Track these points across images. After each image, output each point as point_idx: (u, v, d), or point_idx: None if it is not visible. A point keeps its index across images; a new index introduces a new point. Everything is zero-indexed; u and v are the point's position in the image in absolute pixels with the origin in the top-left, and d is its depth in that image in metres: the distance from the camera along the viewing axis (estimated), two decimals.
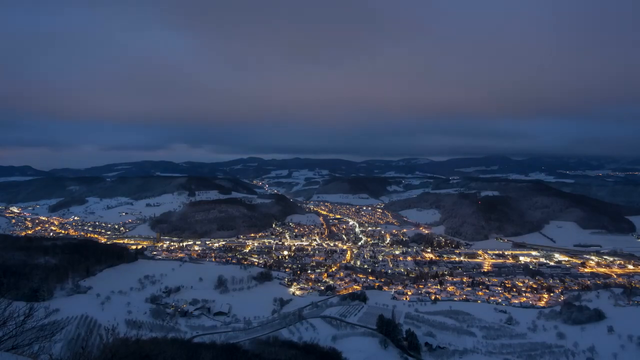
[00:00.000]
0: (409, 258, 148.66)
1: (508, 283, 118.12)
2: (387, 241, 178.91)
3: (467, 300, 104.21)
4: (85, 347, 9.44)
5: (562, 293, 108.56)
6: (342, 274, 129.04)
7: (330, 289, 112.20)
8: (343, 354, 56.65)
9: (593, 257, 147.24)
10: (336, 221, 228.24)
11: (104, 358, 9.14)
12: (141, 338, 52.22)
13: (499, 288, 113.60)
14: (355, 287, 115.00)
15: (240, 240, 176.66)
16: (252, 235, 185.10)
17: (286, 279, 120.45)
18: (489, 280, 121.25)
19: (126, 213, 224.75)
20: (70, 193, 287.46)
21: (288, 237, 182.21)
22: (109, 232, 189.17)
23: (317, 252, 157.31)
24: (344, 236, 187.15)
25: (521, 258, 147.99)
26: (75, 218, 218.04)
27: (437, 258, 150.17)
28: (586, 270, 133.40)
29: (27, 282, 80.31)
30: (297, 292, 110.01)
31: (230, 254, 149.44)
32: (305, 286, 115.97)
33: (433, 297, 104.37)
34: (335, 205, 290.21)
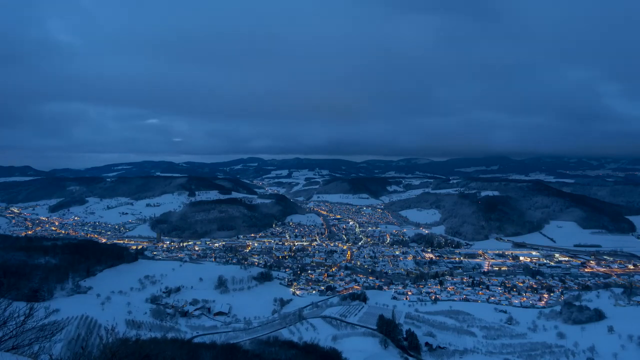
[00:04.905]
0: (409, 258, 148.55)
1: (508, 283, 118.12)
2: (387, 241, 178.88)
3: (467, 300, 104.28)
4: (85, 347, 9.44)
5: (562, 293, 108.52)
6: (342, 274, 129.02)
7: (330, 289, 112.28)
8: (343, 354, 56.72)
9: (593, 257, 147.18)
10: (336, 221, 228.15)
11: (104, 358, 9.14)
12: (141, 338, 52.43)
13: (499, 288, 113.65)
14: (355, 287, 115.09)
15: (241, 240, 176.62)
16: (252, 235, 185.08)
17: (286, 279, 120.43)
18: (489, 280, 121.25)
19: (126, 213, 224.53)
20: (70, 193, 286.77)
21: (288, 237, 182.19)
22: (109, 233, 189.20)
23: (317, 252, 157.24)
24: (344, 236, 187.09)
25: (521, 258, 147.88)
26: (76, 218, 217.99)
27: (437, 258, 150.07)
28: (586, 270, 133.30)
29: (28, 282, 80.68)
30: (298, 292, 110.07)
31: (230, 254, 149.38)
32: (306, 286, 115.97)
33: (433, 297, 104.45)
34: (335, 205, 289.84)
